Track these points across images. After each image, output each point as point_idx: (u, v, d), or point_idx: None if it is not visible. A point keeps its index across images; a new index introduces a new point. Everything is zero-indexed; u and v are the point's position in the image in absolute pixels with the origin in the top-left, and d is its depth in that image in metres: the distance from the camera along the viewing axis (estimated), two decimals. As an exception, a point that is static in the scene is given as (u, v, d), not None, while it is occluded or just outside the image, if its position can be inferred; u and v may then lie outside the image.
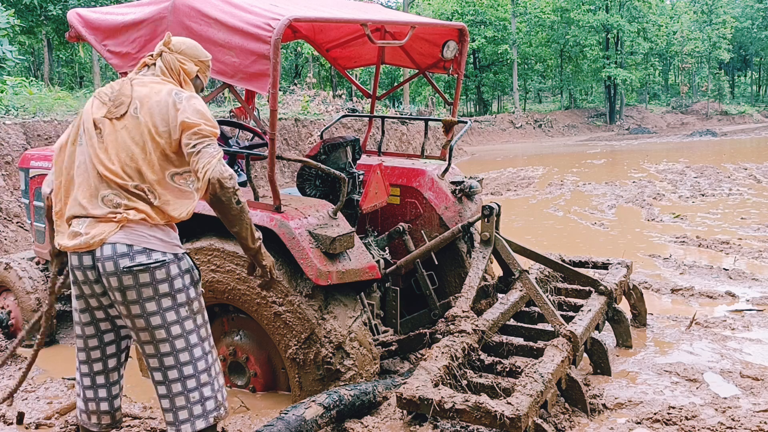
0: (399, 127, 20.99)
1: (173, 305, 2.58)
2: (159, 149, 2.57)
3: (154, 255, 2.54)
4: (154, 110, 2.58)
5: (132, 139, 2.57)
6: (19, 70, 23.48)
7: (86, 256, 2.58)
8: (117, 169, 2.56)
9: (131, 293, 2.53)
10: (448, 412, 3.09)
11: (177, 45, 2.79)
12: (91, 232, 2.55)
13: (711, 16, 43.11)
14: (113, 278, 2.52)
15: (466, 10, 36.41)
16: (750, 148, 24.15)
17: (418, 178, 4.76)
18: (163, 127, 2.57)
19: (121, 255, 2.51)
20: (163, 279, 2.56)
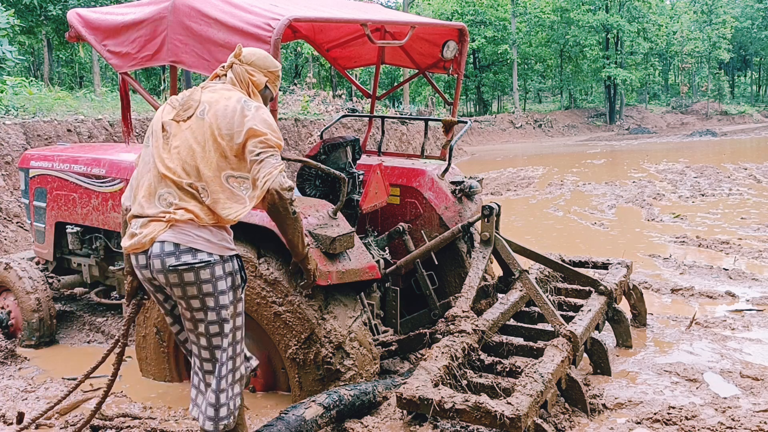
0: (399, 127, 20.99)
1: (215, 306, 2.70)
2: (219, 150, 2.66)
3: (200, 255, 2.65)
4: (219, 113, 2.68)
5: (194, 138, 2.67)
6: (19, 70, 23.48)
7: (141, 256, 2.73)
8: (175, 166, 2.67)
9: (177, 290, 2.68)
10: (448, 412, 3.09)
11: (247, 56, 2.87)
12: (144, 232, 2.69)
13: (711, 16, 43.13)
14: (161, 275, 2.67)
15: (466, 10, 36.42)
16: (750, 148, 24.16)
17: (418, 178, 4.76)
18: (226, 130, 2.65)
19: (168, 254, 2.63)
20: (207, 279, 2.66)
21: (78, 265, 5.23)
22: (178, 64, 3.75)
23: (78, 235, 5.01)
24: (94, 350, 5.06)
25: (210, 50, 3.58)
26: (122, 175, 4.60)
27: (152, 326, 4.18)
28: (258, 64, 2.87)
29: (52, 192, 5.09)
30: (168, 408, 3.97)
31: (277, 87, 3.00)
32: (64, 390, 4.28)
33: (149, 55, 3.89)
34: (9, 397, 4.19)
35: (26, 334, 5.04)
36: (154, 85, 31.69)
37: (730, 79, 50.98)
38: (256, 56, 2.88)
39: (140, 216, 2.72)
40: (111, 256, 5.01)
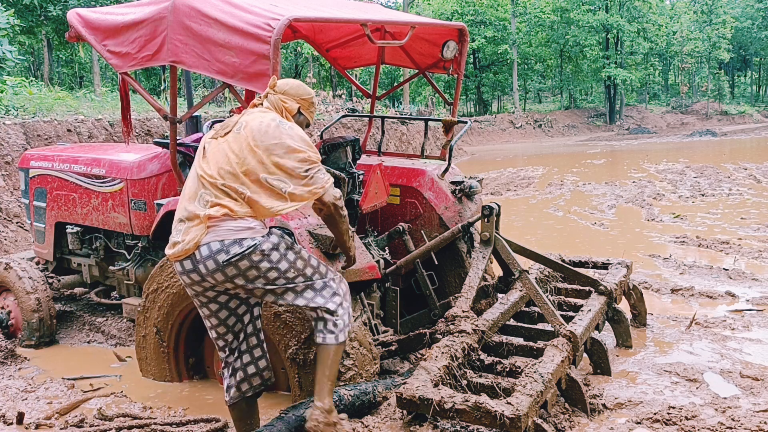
0: (399, 127, 20.99)
1: (280, 274, 2.89)
2: (256, 157, 2.84)
3: (245, 242, 2.81)
4: (255, 128, 2.89)
5: (230, 149, 2.89)
6: (19, 70, 23.48)
7: (186, 261, 2.87)
8: (212, 171, 2.88)
9: (240, 280, 2.85)
10: (448, 412, 3.09)
11: (281, 86, 3.09)
12: (186, 239, 2.85)
13: (711, 16, 43.11)
14: (218, 274, 2.82)
15: (466, 10, 36.41)
16: (750, 148, 24.16)
17: (418, 178, 4.76)
18: (261, 141, 2.85)
19: (217, 251, 2.80)
20: (260, 259, 2.83)
21: (78, 265, 5.23)
22: (178, 64, 3.75)
23: (78, 235, 5.01)
24: (94, 350, 5.07)
25: (210, 50, 3.58)
26: (122, 175, 4.60)
27: (152, 326, 4.18)
28: (290, 92, 3.09)
29: (52, 192, 5.09)
30: (168, 408, 3.97)
31: (311, 114, 3.20)
32: (64, 390, 4.28)
33: (149, 55, 3.89)
34: (9, 397, 4.19)
35: (26, 334, 5.04)
36: (154, 85, 31.68)
37: (730, 79, 50.96)
38: (289, 85, 3.10)
39: (183, 220, 2.90)
40: (111, 256, 5.01)
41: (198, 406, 3.98)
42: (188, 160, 4.45)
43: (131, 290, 4.88)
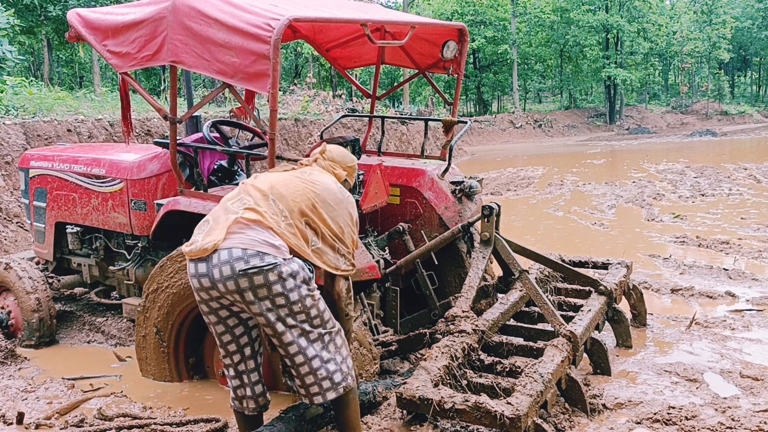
0: (399, 127, 20.99)
1: (286, 303, 2.81)
2: (311, 206, 2.92)
3: (267, 258, 2.76)
4: (324, 183, 3.02)
5: (291, 181, 2.98)
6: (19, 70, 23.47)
7: (201, 264, 2.81)
8: (264, 186, 2.95)
9: (248, 295, 2.77)
10: (448, 412, 3.09)
11: (329, 154, 3.24)
12: (207, 239, 2.81)
13: (711, 16, 43.09)
14: (230, 282, 2.75)
15: (466, 10, 36.40)
16: (750, 148, 24.16)
17: (418, 178, 4.76)
18: (326, 200, 2.96)
19: (237, 258, 2.74)
20: (275, 280, 2.77)
21: (78, 265, 5.23)
22: (178, 64, 3.75)
23: (78, 235, 5.01)
24: (94, 350, 5.07)
25: (210, 50, 3.58)
26: (122, 175, 4.60)
27: (152, 326, 4.18)
28: (338, 159, 3.25)
29: (52, 192, 5.09)
30: (168, 408, 3.97)
31: (353, 178, 3.35)
32: (64, 390, 4.28)
33: (149, 55, 3.89)
34: (9, 397, 4.19)
35: (26, 334, 5.04)
36: (154, 85, 31.66)
37: (730, 79, 50.93)
38: (336, 153, 3.26)
39: (209, 220, 2.91)
40: (111, 256, 5.01)
41: (198, 406, 3.98)
42: (188, 160, 4.45)
43: (131, 290, 4.88)
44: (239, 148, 4.67)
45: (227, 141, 4.70)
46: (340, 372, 2.96)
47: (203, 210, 3.91)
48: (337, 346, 2.98)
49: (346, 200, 3.06)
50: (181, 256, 3.98)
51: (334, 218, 2.97)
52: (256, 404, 3.14)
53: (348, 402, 3.04)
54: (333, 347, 2.95)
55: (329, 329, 2.96)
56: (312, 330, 2.88)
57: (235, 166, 4.86)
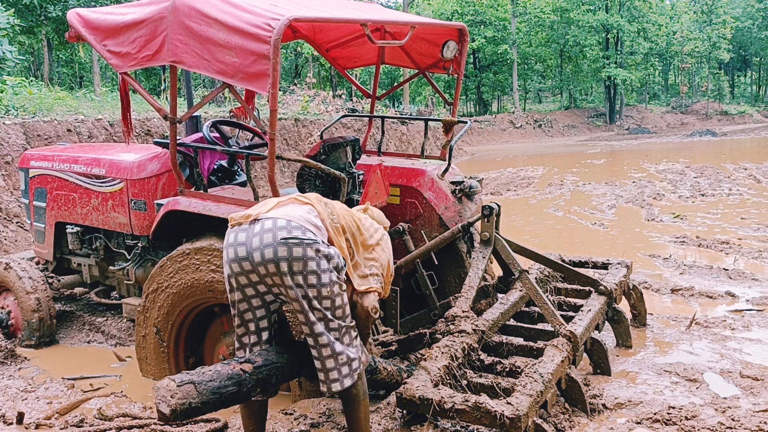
0: (399, 127, 20.99)
1: (317, 284, 2.85)
2: (353, 228, 3.13)
3: (308, 234, 2.84)
4: (369, 221, 3.28)
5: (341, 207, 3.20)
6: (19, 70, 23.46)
7: (241, 234, 2.87)
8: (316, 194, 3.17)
9: (283, 265, 2.80)
10: (448, 412, 3.09)
11: (371, 212, 3.44)
12: (254, 207, 2.94)
13: (711, 16, 43.10)
14: (268, 250, 2.79)
15: (466, 10, 36.39)
16: (750, 148, 24.16)
17: (418, 178, 4.76)
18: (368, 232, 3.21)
19: (280, 227, 2.82)
20: (312, 256, 2.83)
21: (78, 265, 5.23)
22: (178, 64, 3.75)
23: (78, 235, 5.01)
24: (94, 350, 5.07)
25: (210, 50, 3.58)
26: (122, 175, 4.60)
27: (152, 326, 4.18)
28: (377, 217, 3.42)
29: (52, 192, 5.09)
30: (168, 408, 3.97)
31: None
32: (64, 390, 4.28)
33: (149, 55, 3.88)
34: (9, 397, 4.19)
35: (26, 334, 5.04)
36: (154, 85, 31.66)
37: (730, 79, 50.92)
38: (376, 213, 3.47)
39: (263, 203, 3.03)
40: (111, 256, 5.01)
41: (198, 406, 3.98)
42: (188, 160, 4.45)
43: (131, 290, 4.88)
44: (239, 148, 4.68)
45: (227, 141, 4.70)
46: (358, 360, 3.04)
47: (203, 210, 3.91)
48: (352, 337, 3.06)
49: (384, 234, 3.29)
50: (181, 255, 3.98)
51: (371, 244, 3.16)
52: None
53: (359, 400, 3.08)
54: (348, 338, 3.03)
55: (348, 323, 3.03)
56: (333, 319, 2.94)
57: (235, 166, 4.86)
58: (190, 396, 2.60)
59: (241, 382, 2.78)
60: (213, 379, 2.71)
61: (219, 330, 4.17)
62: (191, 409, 2.59)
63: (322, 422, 3.58)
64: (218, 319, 4.17)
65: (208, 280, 3.86)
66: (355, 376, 3.03)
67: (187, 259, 3.95)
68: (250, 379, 2.83)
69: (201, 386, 2.64)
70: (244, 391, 2.80)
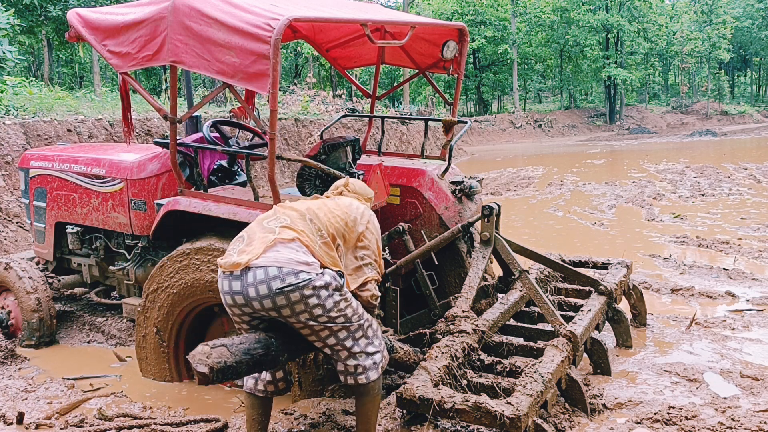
0: (399, 127, 20.99)
1: (324, 312, 2.92)
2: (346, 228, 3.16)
3: (301, 275, 2.86)
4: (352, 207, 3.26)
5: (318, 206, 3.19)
6: (19, 70, 23.47)
7: (235, 282, 2.89)
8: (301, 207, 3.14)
9: (285, 310, 2.88)
10: (448, 412, 3.09)
11: (352, 186, 3.48)
12: (242, 256, 2.89)
13: (711, 16, 43.08)
14: (267, 300, 2.85)
15: (466, 10, 36.38)
16: (750, 148, 24.15)
17: (418, 178, 4.75)
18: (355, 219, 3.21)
19: (273, 278, 2.83)
20: (310, 294, 2.86)
21: (78, 265, 5.23)
22: (178, 64, 3.75)
23: (78, 235, 5.01)
24: (94, 350, 5.07)
25: (210, 50, 3.58)
26: (122, 175, 4.60)
27: (152, 326, 4.18)
28: (359, 191, 3.46)
29: (52, 192, 5.09)
30: (168, 408, 3.97)
31: (370, 206, 3.49)
32: (64, 390, 4.28)
33: (149, 55, 3.89)
34: (9, 397, 4.19)
35: (26, 334, 5.04)
36: (154, 85, 31.69)
37: (730, 79, 50.90)
38: (357, 186, 3.50)
39: (244, 237, 3.00)
40: (111, 256, 5.01)
41: (198, 406, 3.98)
42: (188, 160, 4.45)
43: (131, 290, 4.88)
44: (239, 148, 4.68)
45: (227, 141, 4.70)
46: (380, 353, 3.15)
47: (203, 210, 3.91)
48: (374, 330, 3.16)
49: (370, 214, 3.30)
50: (181, 255, 3.98)
51: (360, 231, 3.16)
52: (275, 387, 3.23)
53: (374, 395, 3.14)
54: (371, 332, 3.13)
55: (366, 319, 3.12)
56: (351, 323, 3.03)
57: (235, 166, 4.86)
58: (224, 356, 2.75)
59: (268, 346, 2.93)
60: (242, 342, 2.86)
61: (219, 330, 4.17)
62: (227, 368, 2.73)
63: (322, 422, 3.59)
64: (218, 319, 4.17)
65: (208, 280, 3.86)
66: (380, 369, 3.12)
67: (187, 259, 3.96)
68: (277, 344, 2.97)
69: (233, 347, 2.80)
70: (272, 354, 2.94)
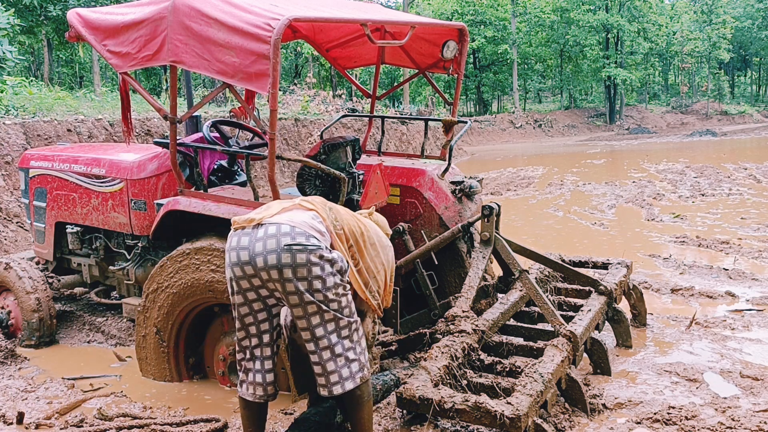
0: (399, 127, 20.99)
1: (322, 288, 2.84)
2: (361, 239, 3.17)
3: (312, 240, 2.83)
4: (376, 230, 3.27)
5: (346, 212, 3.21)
6: (19, 70, 23.45)
7: (244, 238, 2.86)
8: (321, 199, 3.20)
9: (287, 271, 2.79)
10: (448, 412, 3.09)
11: (375, 217, 3.45)
12: (257, 212, 2.93)
13: (711, 16, 43.09)
14: (271, 256, 2.78)
15: (466, 10, 36.38)
16: (750, 148, 24.15)
17: (418, 178, 4.76)
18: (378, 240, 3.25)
19: (284, 233, 2.80)
20: (316, 262, 2.82)
21: (78, 265, 5.23)
22: (178, 64, 3.75)
23: (78, 235, 5.01)
24: (94, 350, 5.07)
25: (210, 50, 3.58)
26: (122, 175, 4.60)
27: (152, 326, 4.18)
28: (381, 224, 3.43)
29: (52, 192, 5.09)
30: (168, 408, 3.97)
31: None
32: (64, 390, 4.28)
33: (149, 55, 3.89)
34: (9, 397, 4.19)
35: (26, 334, 5.04)
36: (154, 85, 31.70)
37: (730, 79, 50.91)
38: (380, 218, 3.48)
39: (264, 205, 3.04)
40: (111, 256, 5.01)
41: (198, 406, 3.98)
42: (188, 160, 4.45)
43: (131, 290, 4.88)
44: (239, 148, 4.68)
45: (227, 141, 4.70)
46: (358, 362, 3.01)
47: (203, 210, 3.91)
48: (359, 335, 3.05)
49: (389, 247, 3.28)
50: (181, 255, 3.98)
51: (372, 257, 3.14)
52: (264, 392, 3.14)
53: (363, 402, 3.05)
54: (356, 337, 3.02)
55: (355, 319, 3.03)
56: (342, 317, 2.93)
57: (235, 166, 4.86)
58: None
59: None
60: None
61: (219, 330, 4.17)
62: None
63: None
64: (218, 319, 4.17)
65: (208, 280, 3.86)
66: (358, 380, 2.99)
67: (187, 259, 3.96)
68: None
69: None
70: None
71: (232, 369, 4.10)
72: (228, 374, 4.16)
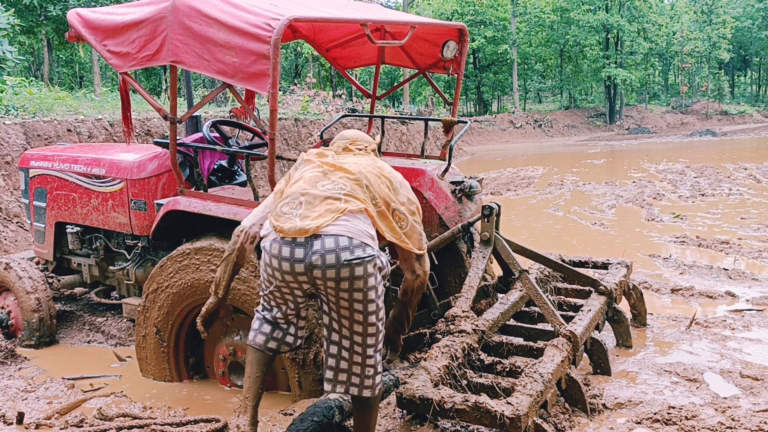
0: (399, 127, 20.99)
1: (375, 297, 2.80)
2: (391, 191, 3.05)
3: (368, 249, 2.76)
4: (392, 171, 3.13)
5: (368, 168, 3.01)
6: (19, 70, 23.46)
7: (298, 249, 2.73)
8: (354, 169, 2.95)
9: (344, 284, 2.73)
10: (448, 412, 3.09)
11: (360, 144, 3.20)
12: (307, 222, 2.73)
13: (711, 16, 43.09)
14: (330, 270, 2.70)
15: (466, 10, 36.38)
16: (750, 148, 24.15)
17: (418, 178, 4.75)
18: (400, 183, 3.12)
19: (343, 248, 2.71)
20: (372, 272, 2.76)
21: (78, 265, 5.23)
22: (178, 64, 3.75)
23: (78, 235, 5.01)
24: (94, 350, 5.07)
25: (210, 50, 3.58)
26: (122, 175, 4.60)
27: (152, 326, 4.18)
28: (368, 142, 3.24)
29: (52, 192, 5.09)
30: (168, 408, 3.97)
31: None
32: (64, 390, 4.28)
33: (149, 55, 3.89)
34: (9, 397, 4.19)
35: (26, 334, 5.04)
36: (154, 85, 31.71)
37: (730, 79, 50.91)
38: (360, 137, 3.24)
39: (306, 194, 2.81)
40: (111, 256, 5.01)
41: (198, 406, 3.99)
42: (188, 160, 4.45)
43: (131, 290, 4.88)
44: (239, 148, 4.68)
45: (227, 141, 4.70)
46: (380, 375, 3.01)
47: (203, 210, 3.91)
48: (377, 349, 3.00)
49: (404, 179, 3.18)
50: (181, 255, 3.98)
51: (409, 198, 3.05)
52: (286, 344, 3.07)
53: (374, 406, 3.05)
54: (380, 345, 3.00)
55: (383, 330, 2.97)
56: (380, 330, 2.90)
57: (235, 166, 4.86)
58: None
59: None
60: None
61: (219, 330, 4.17)
62: None
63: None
64: (218, 319, 4.17)
65: (208, 280, 3.86)
66: (376, 392, 2.98)
67: (187, 259, 3.96)
68: None
69: None
70: None
71: (232, 369, 4.10)
72: (228, 374, 4.16)
